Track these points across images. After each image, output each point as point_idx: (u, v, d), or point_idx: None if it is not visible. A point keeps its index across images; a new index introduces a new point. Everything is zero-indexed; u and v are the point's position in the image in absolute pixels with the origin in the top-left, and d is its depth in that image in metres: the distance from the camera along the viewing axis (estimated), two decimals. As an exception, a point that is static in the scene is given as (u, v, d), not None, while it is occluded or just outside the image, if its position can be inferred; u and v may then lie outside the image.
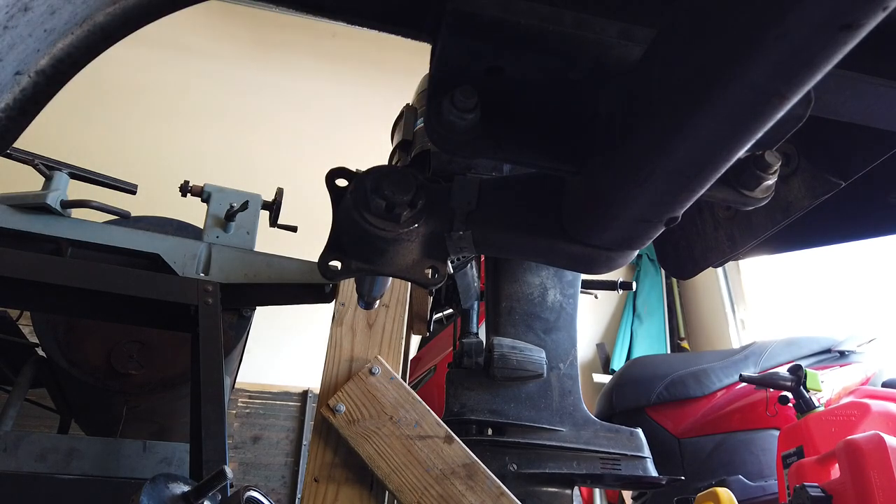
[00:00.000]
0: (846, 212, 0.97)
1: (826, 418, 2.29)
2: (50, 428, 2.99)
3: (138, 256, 2.00)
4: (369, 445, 1.36)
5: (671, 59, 0.53)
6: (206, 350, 1.75)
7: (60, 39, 0.65)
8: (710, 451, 2.90)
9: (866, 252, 3.97)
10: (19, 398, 2.18)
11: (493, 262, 1.78)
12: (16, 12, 0.56)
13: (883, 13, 0.38)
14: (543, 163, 0.70)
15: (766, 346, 3.18)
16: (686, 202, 0.64)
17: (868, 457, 1.78)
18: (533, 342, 1.64)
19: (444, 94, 0.65)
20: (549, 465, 1.51)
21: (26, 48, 0.62)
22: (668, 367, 3.21)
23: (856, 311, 4.06)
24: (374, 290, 1.04)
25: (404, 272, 0.78)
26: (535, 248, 0.82)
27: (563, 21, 0.58)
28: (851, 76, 0.64)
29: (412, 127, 1.63)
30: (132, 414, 2.32)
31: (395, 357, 1.51)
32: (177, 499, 1.18)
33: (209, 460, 1.54)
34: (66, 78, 0.68)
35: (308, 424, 4.34)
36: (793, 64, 0.43)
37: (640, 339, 5.31)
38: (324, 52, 5.87)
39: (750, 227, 0.93)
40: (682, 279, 2.30)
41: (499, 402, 1.57)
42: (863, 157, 0.82)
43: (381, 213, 0.73)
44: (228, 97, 5.51)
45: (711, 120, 0.50)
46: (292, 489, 4.21)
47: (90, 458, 1.87)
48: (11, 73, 0.62)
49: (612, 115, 0.64)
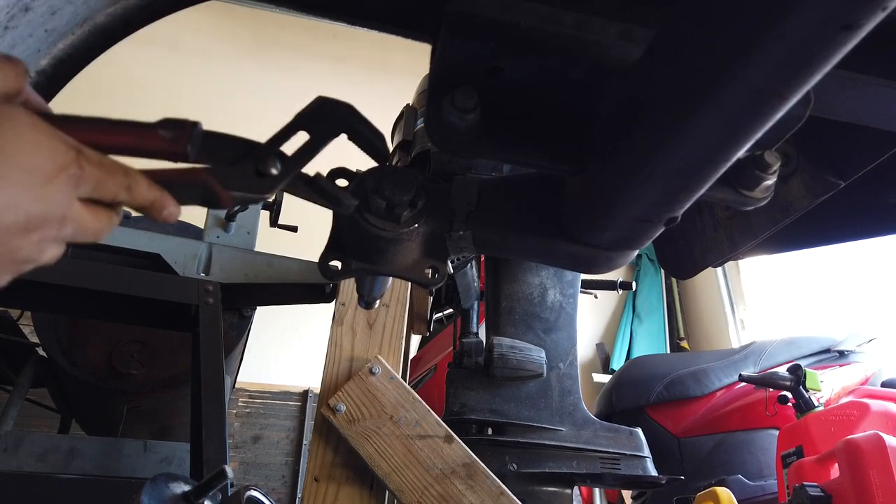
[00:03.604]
0: (846, 212, 0.97)
1: (825, 418, 2.29)
2: (51, 428, 2.99)
3: (139, 256, 2.00)
4: (369, 445, 1.36)
5: (671, 59, 0.53)
6: (207, 350, 1.76)
7: (61, 40, 0.65)
8: (709, 451, 2.90)
9: (866, 252, 3.97)
10: (20, 398, 2.18)
11: (493, 262, 1.78)
12: (17, 12, 0.57)
13: (882, 13, 0.38)
14: (543, 163, 0.70)
15: (766, 345, 3.18)
16: (686, 202, 0.64)
17: (867, 456, 1.78)
18: (533, 342, 1.65)
19: (445, 95, 0.65)
20: (548, 465, 1.52)
21: (27, 48, 0.62)
22: (667, 366, 3.21)
23: (855, 311, 4.06)
24: (374, 290, 1.04)
25: (404, 272, 0.78)
26: (534, 248, 0.82)
27: (562, 21, 0.58)
28: (851, 76, 0.64)
29: (412, 127, 1.64)
30: (133, 414, 2.32)
31: (395, 357, 1.51)
32: (177, 498, 1.18)
33: (210, 460, 1.54)
34: (67, 78, 0.68)
35: (308, 424, 4.34)
36: (792, 64, 0.43)
37: (640, 338, 5.31)
38: (324, 52, 5.87)
39: (749, 227, 0.93)
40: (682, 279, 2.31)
41: (499, 402, 1.57)
42: (862, 157, 0.82)
43: (382, 213, 0.73)
44: (228, 97, 5.51)
45: (711, 120, 0.50)
46: (292, 489, 4.22)
47: (91, 458, 1.87)
48: (12, 74, 0.63)
49: (612, 115, 0.64)
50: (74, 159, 0.49)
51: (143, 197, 0.56)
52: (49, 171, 0.47)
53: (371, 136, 0.69)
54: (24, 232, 0.47)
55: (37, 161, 0.46)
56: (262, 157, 0.64)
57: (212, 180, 0.61)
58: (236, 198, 0.62)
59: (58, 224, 0.49)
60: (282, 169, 0.64)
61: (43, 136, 0.47)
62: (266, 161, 0.64)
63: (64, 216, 0.49)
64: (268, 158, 0.64)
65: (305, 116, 0.69)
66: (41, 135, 0.47)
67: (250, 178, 0.63)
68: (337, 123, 0.69)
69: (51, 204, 0.48)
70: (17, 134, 0.46)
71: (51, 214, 0.48)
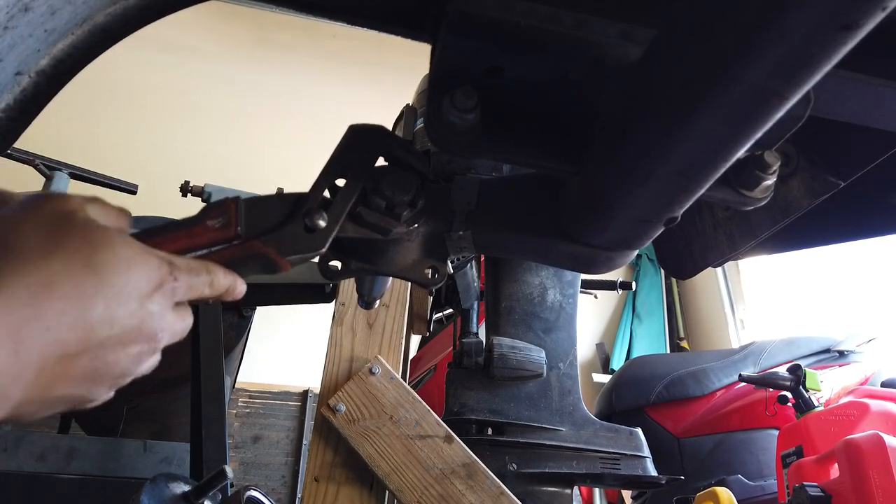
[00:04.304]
0: (846, 212, 0.97)
1: (825, 418, 2.29)
2: (50, 428, 2.99)
3: (138, 256, 1.99)
4: (369, 445, 1.36)
5: (671, 59, 0.53)
6: (207, 350, 1.76)
7: (61, 40, 0.65)
8: (709, 451, 2.90)
9: (866, 252, 3.97)
10: (19, 398, 2.18)
11: (493, 262, 1.78)
12: (16, 12, 0.57)
13: (882, 13, 0.38)
14: (543, 163, 0.70)
15: (766, 345, 3.18)
16: (685, 202, 0.64)
17: (867, 456, 1.78)
18: (533, 342, 1.65)
19: (444, 95, 0.65)
20: (548, 465, 1.52)
21: (27, 48, 0.62)
22: (667, 366, 3.21)
23: (855, 311, 4.06)
24: (374, 290, 1.04)
25: (404, 272, 0.78)
26: (534, 248, 0.82)
27: (562, 21, 0.58)
28: (851, 76, 0.64)
29: (412, 127, 1.63)
30: (132, 414, 2.32)
31: (395, 357, 1.51)
32: (177, 498, 1.18)
33: (209, 460, 1.55)
34: (67, 78, 0.68)
35: (308, 424, 4.35)
36: (792, 64, 0.43)
37: (640, 338, 5.32)
38: (324, 52, 5.87)
39: (749, 227, 0.93)
40: (682, 279, 2.31)
41: (498, 402, 1.57)
42: (862, 157, 0.82)
43: (382, 213, 0.73)
44: (228, 97, 5.51)
45: (711, 120, 0.50)
46: (292, 489, 4.22)
47: (90, 458, 1.87)
48: (12, 74, 0.63)
49: (612, 115, 0.64)
50: (169, 272, 0.51)
51: (221, 287, 0.57)
52: (145, 288, 0.49)
53: (410, 158, 0.69)
54: (121, 346, 0.48)
55: (132, 278, 0.48)
56: (308, 212, 0.63)
57: (269, 251, 0.61)
58: (293, 261, 0.63)
59: (155, 337, 0.51)
60: (329, 219, 0.64)
61: (137, 254, 0.49)
62: (313, 215, 0.63)
63: (162, 329, 0.51)
64: (313, 212, 0.63)
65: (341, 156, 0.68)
66: (136, 253, 0.49)
67: (301, 238, 0.63)
68: (373, 152, 0.68)
69: (147, 318, 0.49)
70: (114, 254, 0.47)
71: (146, 328, 0.49)
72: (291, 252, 0.63)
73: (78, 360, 0.46)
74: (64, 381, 0.46)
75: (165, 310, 0.51)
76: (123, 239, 0.49)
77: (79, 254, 0.46)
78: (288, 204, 0.64)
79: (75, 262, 0.45)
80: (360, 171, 0.68)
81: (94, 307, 0.45)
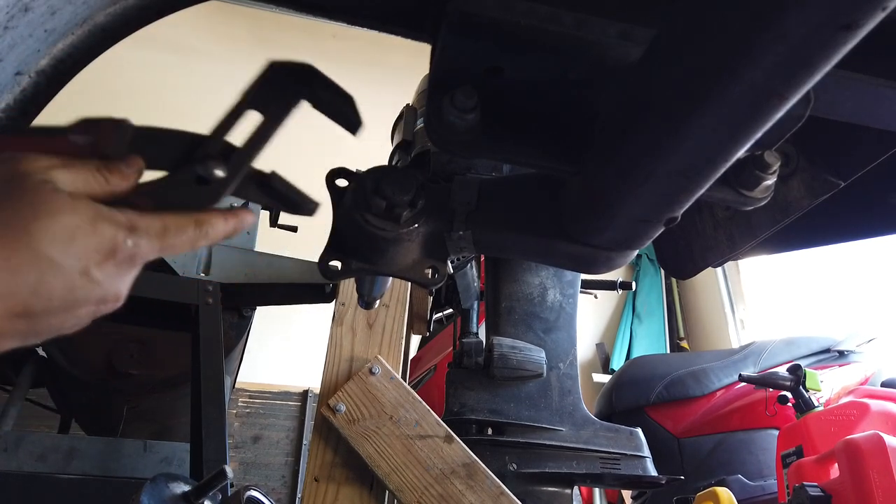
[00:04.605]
0: (846, 212, 0.97)
1: (825, 418, 2.29)
2: (50, 428, 2.99)
3: (138, 256, 1.99)
4: (369, 445, 1.36)
5: (670, 59, 0.53)
6: (207, 350, 1.76)
7: (61, 40, 0.65)
8: (709, 451, 2.90)
9: (866, 252, 3.97)
10: (20, 398, 2.18)
11: (493, 262, 1.78)
12: (16, 12, 0.57)
13: (882, 13, 0.38)
14: (543, 163, 0.70)
15: (766, 345, 3.18)
16: (685, 202, 0.64)
17: (867, 456, 1.78)
18: (533, 342, 1.65)
19: (444, 95, 0.65)
20: (548, 465, 1.51)
21: (27, 48, 0.62)
22: (667, 366, 3.21)
23: (855, 311, 4.06)
24: (374, 290, 1.04)
25: (404, 272, 0.78)
26: (534, 248, 0.82)
27: (562, 21, 0.58)
28: (851, 76, 0.64)
29: (412, 127, 1.63)
30: (132, 414, 2.32)
31: (395, 357, 1.51)
32: (177, 498, 1.18)
33: (209, 460, 1.55)
34: (67, 78, 0.68)
35: (308, 424, 4.35)
36: (792, 64, 0.43)
37: (640, 338, 5.32)
38: (324, 52, 5.87)
39: (749, 227, 0.93)
40: (682, 279, 2.31)
41: (498, 402, 1.57)
42: (862, 158, 0.82)
43: (382, 213, 0.73)
44: (227, 97, 5.50)
45: (711, 120, 0.50)
46: (292, 489, 4.22)
47: (90, 458, 1.87)
48: (12, 74, 0.63)
49: (612, 115, 0.64)
50: (126, 238, 0.48)
51: (222, 232, 0.55)
52: (93, 257, 0.46)
53: (337, 99, 0.58)
54: (65, 311, 0.47)
55: (73, 249, 0.45)
56: (204, 157, 0.51)
57: (143, 202, 0.50)
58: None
59: (106, 299, 0.49)
60: (229, 171, 0.52)
61: (85, 222, 0.46)
62: (208, 163, 0.51)
63: (116, 290, 0.49)
64: (209, 160, 0.51)
65: (256, 90, 0.56)
66: (84, 222, 0.46)
67: (190, 191, 0.51)
68: (294, 92, 0.56)
69: (93, 287, 0.47)
70: (56, 222, 0.44)
71: (95, 295, 0.48)
72: (173, 205, 0.50)
73: (13, 323, 0.44)
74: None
75: (119, 275, 0.48)
76: (74, 205, 0.45)
77: (18, 220, 0.43)
78: (184, 143, 0.53)
79: (11, 231, 0.43)
80: (276, 114, 0.56)
81: (25, 281, 0.43)
